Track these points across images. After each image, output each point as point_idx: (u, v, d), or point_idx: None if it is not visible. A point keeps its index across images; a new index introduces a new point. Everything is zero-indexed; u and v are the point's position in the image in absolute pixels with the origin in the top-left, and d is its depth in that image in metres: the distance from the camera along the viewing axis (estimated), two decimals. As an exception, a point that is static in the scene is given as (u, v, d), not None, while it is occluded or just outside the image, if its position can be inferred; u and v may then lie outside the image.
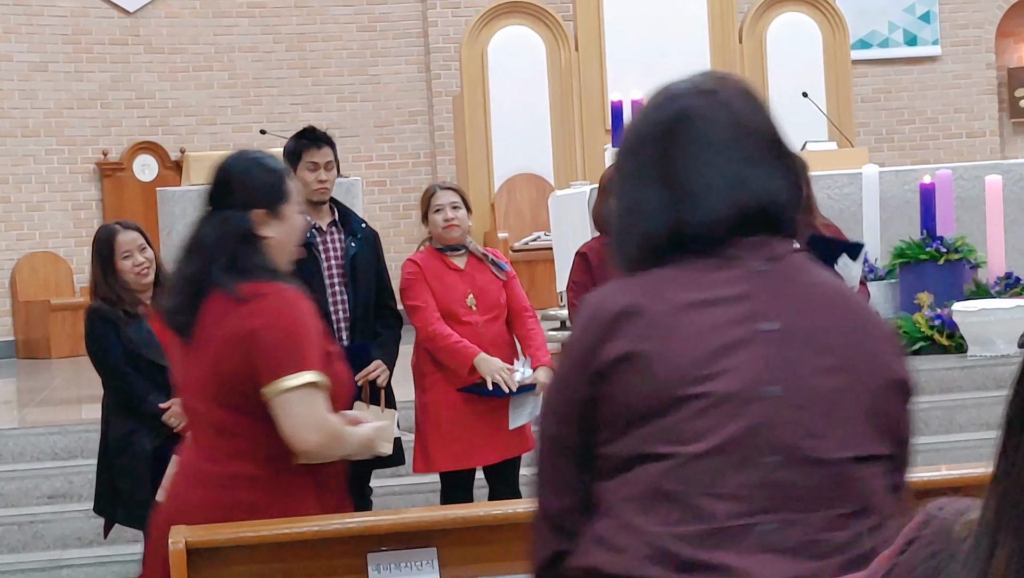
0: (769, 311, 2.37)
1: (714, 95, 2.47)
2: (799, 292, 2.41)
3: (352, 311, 6.72)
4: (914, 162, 15.57)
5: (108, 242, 6.41)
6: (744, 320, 2.36)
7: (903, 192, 11.50)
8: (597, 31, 14.05)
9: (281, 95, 16.17)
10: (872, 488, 2.38)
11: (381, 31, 16.34)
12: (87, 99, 15.65)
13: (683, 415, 2.31)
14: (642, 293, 2.41)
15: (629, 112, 11.46)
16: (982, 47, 16.90)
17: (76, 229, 15.51)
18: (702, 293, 2.38)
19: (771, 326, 2.36)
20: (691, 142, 2.43)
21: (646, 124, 2.50)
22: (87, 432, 9.06)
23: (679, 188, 2.41)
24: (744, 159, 2.43)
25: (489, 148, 14.03)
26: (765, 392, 2.32)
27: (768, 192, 2.42)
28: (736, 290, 2.38)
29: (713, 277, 2.39)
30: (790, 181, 2.47)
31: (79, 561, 8.24)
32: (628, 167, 2.51)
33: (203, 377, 3.96)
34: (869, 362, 2.39)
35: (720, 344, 2.33)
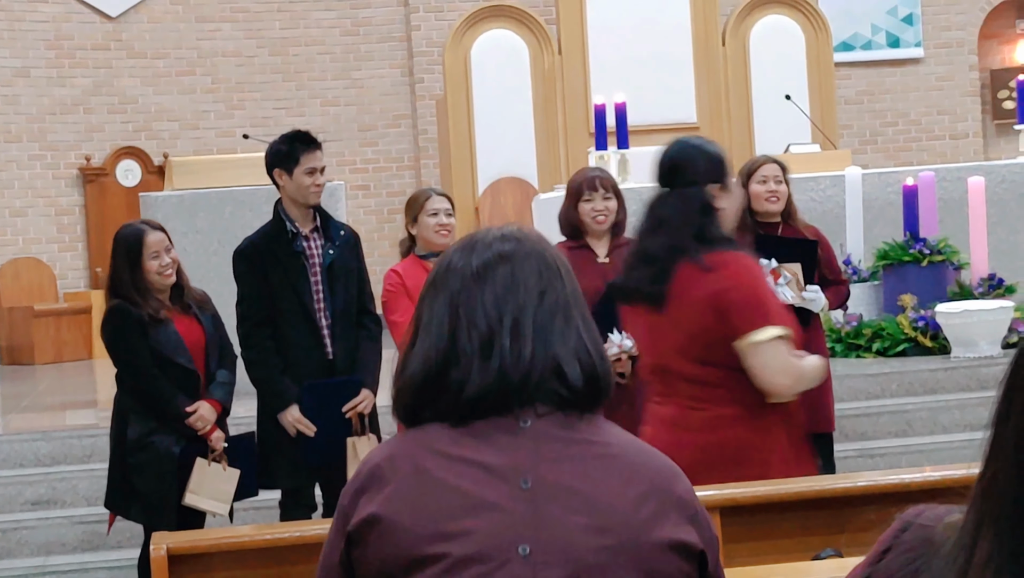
0: (528, 468, 2.26)
1: (510, 255, 2.37)
2: (566, 450, 2.28)
3: (332, 317, 6.72)
4: (897, 164, 15.60)
5: (138, 240, 6.45)
6: (499, 477, 2.26)
7: (886, 194, 11.52)
8: (580, 35, 14.06)
9: (264, 99, 16.15)
10: None
11: (364, 35, 16.34)
12: (70, 104, 15.63)
13: (427, 576, 2.23)
14: (399, 447, 2.32)
15: (612, 115, 11.47)
16: (965, 49, 16.94)
17: (59, 234, 15.49)
18: (457, 451, 2.28)
19: (528, 484, 2.25)
20: (479, 302, 2.34)
21: (448, 273, 2.39)
22: (71, 438, 9.05)
23: (458, 347, 2.32)
24: (535, 325, 2.33)
25: (473, 151, 14.02)
26: (514, 552, 2.22)
27: (547, 361, 2.31)
28: (496, 448, 2.28)
29: (475, 438, 2.29)
30: (581, 349, 2.34)
31: (63, 567, 8.22)
32: (421, 315, 2.41)
33: (679, 339, 4.55)
34: (644, 526, 2.25)
35: (469, 501, 2.24)
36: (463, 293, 2.35)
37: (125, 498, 6.57)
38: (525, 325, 2.32)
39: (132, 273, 6.44)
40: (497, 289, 2.34)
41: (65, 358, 14.34)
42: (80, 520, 8.34)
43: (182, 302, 6.57)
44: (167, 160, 13.03)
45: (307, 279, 6.69)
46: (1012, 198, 11.80)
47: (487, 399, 2.29)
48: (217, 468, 6.55)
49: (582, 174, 7.03)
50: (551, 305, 2.34)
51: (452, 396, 2.30)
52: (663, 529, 2.27)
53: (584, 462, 2.28)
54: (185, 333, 6.53)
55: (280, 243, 6.69)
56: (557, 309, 2.35)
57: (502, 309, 2.33)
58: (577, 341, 2.34)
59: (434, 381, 2.32)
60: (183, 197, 10.89)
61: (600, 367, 2.34)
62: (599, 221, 6.87)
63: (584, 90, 13.92)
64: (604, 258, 6.95)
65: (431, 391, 2.33)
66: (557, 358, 2.31)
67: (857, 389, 9.80)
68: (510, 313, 2.32)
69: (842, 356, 10.38)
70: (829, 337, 10.44)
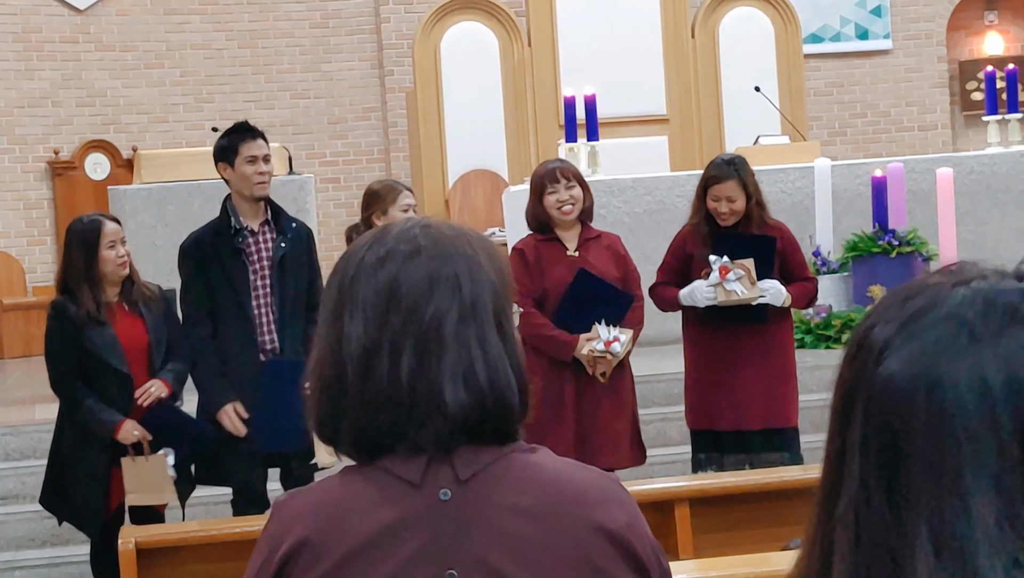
0: (453, 549, 2.06)
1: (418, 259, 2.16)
2: (494, 526, 2.08)
3: (280, 311, 6.68)
4: (866, 155, 15.63)
5: (96, 229, 6.44)
6: (427, 561, 2.07)
7: (855, 185, 11.55)
8: (550, 27, 14.05)
9: (233, 92, 16.10)
10: None
11: (334, 27, 16.30)
12: (38, 97, 15.55)
13: None
14: (322, 520, 2.12)
15: (582, 107, 11.47)
16: (933, 40, 16.98)
17: (28, 228, 15.42)
18: (380, 525, 2.08)
19: (455, 575, 2.06)
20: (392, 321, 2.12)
21: (355, 285, 2.17)
22: (39, 432, 9.01)
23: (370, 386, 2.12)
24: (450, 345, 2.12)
25: (443, 144, 14.01)
26: None
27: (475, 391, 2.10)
28: (418, 519, 2.08)
29: (396, 505, 2.08)
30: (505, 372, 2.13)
31: (32, 562, 8.20)
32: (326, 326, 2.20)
33: None
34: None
35: None
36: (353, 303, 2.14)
37: (56, 500, 6.58)
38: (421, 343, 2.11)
39: (87, 263, 6.43)
40: (380, 299, 2.13)
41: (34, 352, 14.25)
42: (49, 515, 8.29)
43: (130, 299, 6.54)
44: (136, 153, 12.99)
45: (246, 277, 6.66)
46: (980, 189, 11.83)
47: (380, 434, 2.11)
48: (141, 460, 6.49)
49: (543, 167, 7.01)
50: (440, 321, 2.12)
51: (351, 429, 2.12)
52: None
53: (507, 536, 2.07)
54: (125, 335, 6.50)
55: (223, 239, 6.66)
56: (449, 325, 2.12)
57: (384, 325, 2.12)
58: (499, 374, 2.13)
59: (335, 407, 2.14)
60: (152, 190, 10.86)
61: (502, 387, 2.12)
62: (565, 212, 6.87)
63: (554, 82, 13.91)
64: (574, 252, 6.95)
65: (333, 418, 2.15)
66: (451, 387, 2.09)
67: (827, 380, 9.76)
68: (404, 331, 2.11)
69: (812, 347, 10.41)
70: (799, 328, 10.47)
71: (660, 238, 7.45)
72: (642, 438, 7.16)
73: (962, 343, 1.23)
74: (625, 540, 2.10)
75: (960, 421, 1.21)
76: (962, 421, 1.21)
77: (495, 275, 2.18)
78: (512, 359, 2.16)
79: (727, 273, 6.99)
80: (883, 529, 1.23)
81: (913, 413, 1.23)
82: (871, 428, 1.27)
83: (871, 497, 1.25)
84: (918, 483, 1.22)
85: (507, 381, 2.13)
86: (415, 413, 2.09)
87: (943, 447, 1.21)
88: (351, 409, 2.12)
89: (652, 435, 8.78)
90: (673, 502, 5.53)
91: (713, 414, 7.15)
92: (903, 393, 1.25)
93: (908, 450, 1.23)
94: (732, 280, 7.00)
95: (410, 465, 2.10)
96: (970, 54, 17.26)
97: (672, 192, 11.25)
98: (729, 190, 7.04)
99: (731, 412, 7.09)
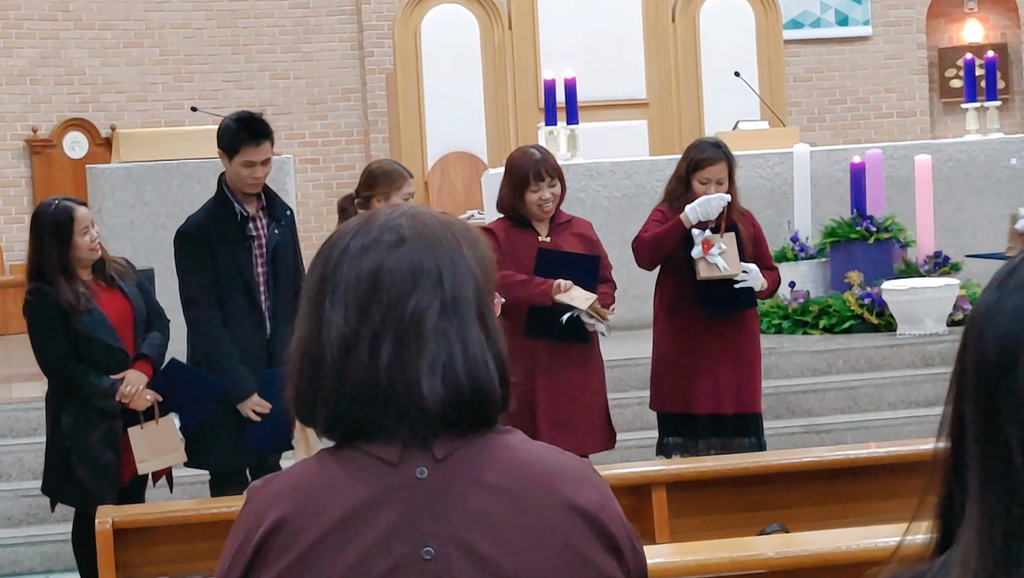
0: (428, 527, 2.08)
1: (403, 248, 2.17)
2: (470, 504, 2.10)
3: (274, 299, 6.67)
4: (845, 141, 15.66)
5: (69, 216, 6.39)
6: (399, 538, 2.09)
7: (834, 171, 11.58)
8: (530, 10, 14.04)
9: (213, 72, 16.06)
10: None
11: (314, 8, 16.26)
12: (16, 75, 15.49)
13: None
14: (296, 501, 2.13)
15: (562, 91, 11.47)
16: (913, 27, 17.00)
17: (5, 207, 15.37)
18: (352, 505, 2.10)
19: (431, 552, 2.08)
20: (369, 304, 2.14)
21: (338, 271, 2.17)
22: (16, 411, 9.00)
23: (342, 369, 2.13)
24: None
25: (423, 126, 14.00)
26: None
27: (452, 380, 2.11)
28: (390, 499, 2.09)
29: (372, 483, 2.10)
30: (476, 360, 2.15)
31: (8, 541, 8.19)
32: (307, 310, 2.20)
33: None
34: (569, 570, 2.09)
35: (380, 572, 2.08)
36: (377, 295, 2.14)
37: (63, 484, 6.54)
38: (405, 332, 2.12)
39: (61, 252, 6.38)
40: (362, 286, 2.14)
41: (11, 330, 14.23)
42: (26, 493, 8.29)
43: (105, 275, 6.52)
44: (114, 132, 12.95)
45: (252, 262, 6.65)
46: (958, 176, 11.87)
47: (358, 420, 2.12)
48: (151, 425, 6.50)
49: (526, 159, 6.90)
50: (423, 311, 2.13)
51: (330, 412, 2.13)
52: (575, 569, 2.10)
53: (482, 515, 2.10)
54: (111, 311, 6.49)
55: (229, 225, 6.61)
56: (434, 314, 2.14)
57: (367, 312, 2.13)
58: (480, 360, 2.15)
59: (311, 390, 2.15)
60: (130, 169, 10.83)
61: (482, 380, 2.14)
62: (546, 211, 6.88)
63: (534, 65, 13.91)
64: (545, 237, 6.96)
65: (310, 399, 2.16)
66: (465, 376, 2.12)
67: (803, 365, 9.86)
68: (387, 317, 2.13)
69: (789, 333, 10.44)
70: (776, 314, 10.50)
71: (639, 222, 7.44)
72: (612, 422, 7.16)
73: None
74: (599, 520, 2.12)
75: None
76: None
77: (478, 267, 2.19)
78: (494, 350, 2.18)
79: (710, 248, 7.00)
80: None
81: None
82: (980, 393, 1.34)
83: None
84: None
85: (488, 374, 2.15)
86: (392, 404, 2.10)
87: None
88: (329, 395, 2.13)
89: (628, 419, 8.80)
90: (650, 486, 5.55)
91: (688, 397, 7.15)
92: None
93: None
94: (715, 254, 7.01)
95: (387, 448, 2.11)
96: (949, 41, 17.29)
97: (651, 176, 11.26)
98: (720, 172, 7.07)
99: (709, 396, 7.11)
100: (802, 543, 4.56)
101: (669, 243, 7.05)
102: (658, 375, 7.31)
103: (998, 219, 11.49)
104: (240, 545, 2.15)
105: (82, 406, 6.44)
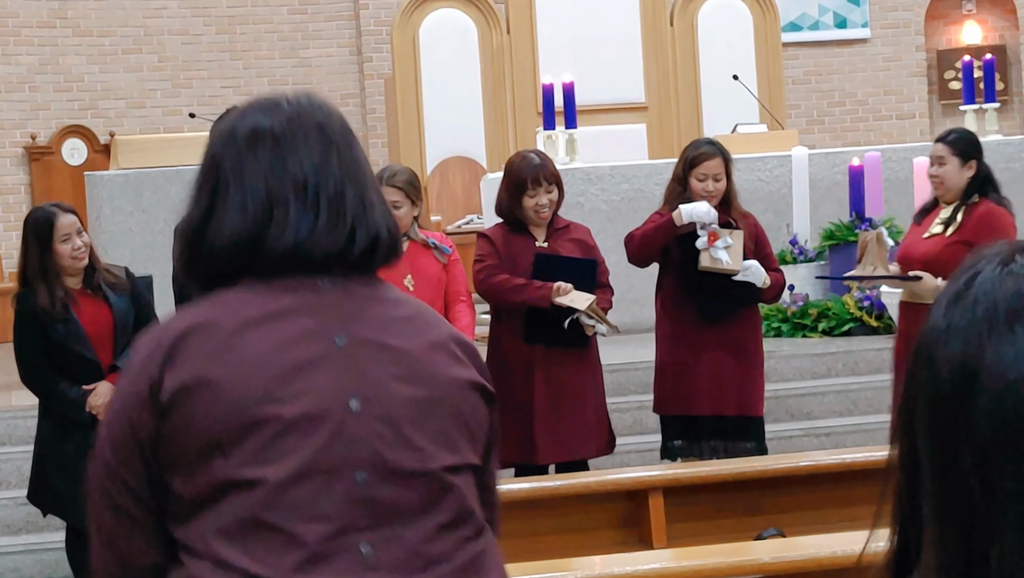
0: (339, 326, 2.32)
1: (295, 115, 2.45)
2: (367, 308, 2.37)
3: None
4: (844, 144, 15.65)
5: (48, 224, 6.36)
6: (315, 336, 2.31)
7: (832, 174, 11.57)
8: (528, 14, 14.05)
9: (211, 78, 16.06)
10: (466, 496, 2.35)
11: (312, 13, 16.27)
12: (15, 82, 15.50)
13: (263, 438, 2.23)
14: (207, 312, 2.32)
15: (560, 95, 11.47)
16: (911, 29, 17.00)
17: (4, 214, 15.37)
18: (270, 309, 2.31)
19: (343, 341, 2.31)
20: (269, 164, 2.38)
21: (225, 138, 2.43)
22: (15, 418, 8.99)
23: (252, 211, 2.37)
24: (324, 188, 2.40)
25: (421, 131, 14.00)
26: (347, 408, 2.28)
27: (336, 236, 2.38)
28: (306, 306, 2.33)
29: (282, 295, 2.33)
30: (380, 215, 2.45)
31: (7, 549, 8.18)
32: (201, 180, 2.43)
33: None
34: (444, 371, 2.37)
35: (293, 362, 2.28)
36: (277, 152, 2.38)
37: (41, 492, 6.55)
38: (340, 187, 2.38)
39: (42, 258, 6.36)
40: (313, 151, 2.39)
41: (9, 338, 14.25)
42: (25, 501, 8.27)
43: (93, 284, 6.48)
44: (113, 139, 12.95)
45: None
46: (957, 178, 11.86)
47: (299, 255, 2.34)
48: None
49: (524, 163, 6.93)
50: (357, 169, 2.42)
51: (266, 253, 2.34)
52: (459, 371, 2.38)
53: (383, 319, 2.37)
54: (90, 321, 6.45)
55: None
56: (362, 174, 2.42)
57: (321, 169, 2.38)
58: (376, 207, 2.41)
59: (252, 238, 2.34)
60: (129, 176, 10.83)
61: (388, 234, 2.42)
62: (543, 216, 6.90)
63: (532, 70, 13.91)
64: (543, 242, 6.97)
65: (246, 250, 2.35)
66: (360, 221, 2.37)
67: (803, 369, 9.86)
68: (327, 174, 2.38)
69: (788, 336, 10.43)
70: (775, 317, 10.49)
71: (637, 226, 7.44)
72: (611, 427, 7.16)
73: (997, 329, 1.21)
74: (466, 343, 2.47)
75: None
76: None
77: (350, 135, 2.48)
78: (384, 205, 2.47)
79: (715, 239, 6.99)
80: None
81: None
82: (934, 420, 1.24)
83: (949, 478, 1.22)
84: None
85: (394, 230, 2.44)
86: (335, 249, 2.35)
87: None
88: (268, 247, 2.34)
89: (628, 423, 8.79)
90: (647, 491, 5.54)
91: (689, 398, 7.13)
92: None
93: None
94: (720, 247, 7.00)
95: (307, 299, 2.35)
96: (948, 43, 17.29)
97: (650, 180, 11.25)
98: (716, 167, 7.08)
99: (709, 396, 7.10)
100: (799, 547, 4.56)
101: (659, 239, 7.05)
102: (660, 378, 7.31)
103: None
104: (150, 352, 2.30)
105: (60, 415, 6.44)
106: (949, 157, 7.08)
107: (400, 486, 2.28)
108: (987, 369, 1.19)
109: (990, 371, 1.19)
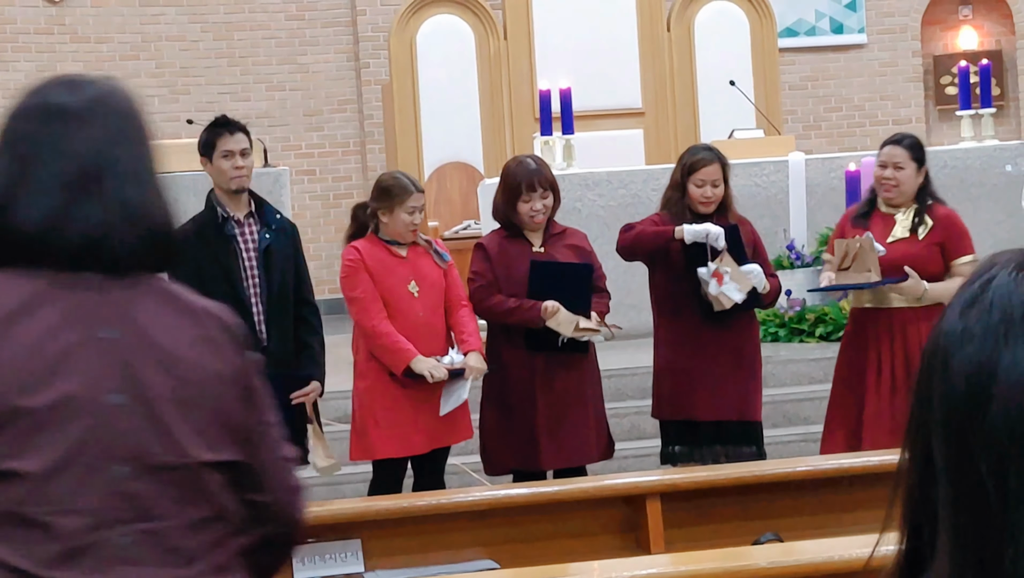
0: (106, 319, 2.34)
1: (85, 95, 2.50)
2: (134, 302, 2.38)
3: (267, 304, 6.68)
4: (841, 149, 15.67)
5: None
6: (80, 327, 2.31)
7: (829, 179, 11.59)
8: (526, 20, 14.06)
9: (209, 84, 16.08)
10: (225, 493, 2.38)
11: (309, 20, 16.28)
12: (12, 89, 15.49)
13: (20, 430, 2.24)
14: None
15: (557, 101, 11.49)
16: (908, 35, 17.03)
17: (2, 220, 15.38)
18: (26, 300, 2.31)
19: (110, 334, 2.33)
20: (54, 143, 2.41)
21: (48, 109, 2.48)
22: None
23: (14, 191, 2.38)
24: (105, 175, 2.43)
25: (419, 137, 14.01)
26: (108, 401, 2.29)
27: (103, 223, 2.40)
28: (71, 297, 2.33)
29: (44, 284, 2.33)
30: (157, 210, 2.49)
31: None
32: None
33: None
34: (206, 366, 2.40)
35: (55, 352, 2.28)
36: (55, 132, 2.41)
37: None
38: (121, 175, 2.43)
39: None
40: (96, 133, 2.42)
41: None
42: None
43: None
44: (111, 145, 12.94)
45: (239, 264, 6.66)
46: (953, 184, 11.87)
47: (47, 239, 2.32)
48: None
49: (520, 168, 6.96)
50: (144, 163, 2.49)
51: (9, 230, 2.34)
52: (221, 366, 2.42)
53: (149, 313, 2.38)
54: None
55: (210, 228, 6.65)
56: (147, 168, 2.49)
57: (101, 155, 2.41)
58: (154, 204, 2.48)
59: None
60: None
61: (162, 233, 2.47)
62: (537, 221, 6.92)
63: (530, 75, 13.92)
64: (539, 248, 6.99)
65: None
66: (135, 214, 2.41)
67: (800, 374, 9.87)
68: (107, 160, 2.42)
69: (785, 341, 10.45)
70: (772, 322, 10.50)
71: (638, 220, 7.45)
72: (610, 432, 7.18)
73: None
74: (233, 327, 2.54)
75: None
76: None
77: (139, 119, 2.55)
78: (162, 200, 2.51)
79: (722, 280, 6.98)
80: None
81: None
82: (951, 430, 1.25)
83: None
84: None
85: (167, 224, 2.49)
86: (110, 240, 2.36)
87: None
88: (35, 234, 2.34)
89: (626, 428, 8.81)
90: (644, 496, 5.55)
91: (689, 403, 7.14)
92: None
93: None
94: (728, 282, 6.97)
95: (76, 292, 2.35)
96: (944, 48, 17.31)
97: (647, 185, 11.27)
98: (714, 173, 7.09)
99: (709, 403, 7.11)
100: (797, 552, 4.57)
101: (650, 244, 7.05)
102: (658, 383, 7.31)
103: (994, 225, 11.51)
104: None
105: None
106: (907, 162, 7.12)
107: (158, 481, 2.30)
108: (1003, 372, 1.21)
109: (1006, 374, 1.21)
